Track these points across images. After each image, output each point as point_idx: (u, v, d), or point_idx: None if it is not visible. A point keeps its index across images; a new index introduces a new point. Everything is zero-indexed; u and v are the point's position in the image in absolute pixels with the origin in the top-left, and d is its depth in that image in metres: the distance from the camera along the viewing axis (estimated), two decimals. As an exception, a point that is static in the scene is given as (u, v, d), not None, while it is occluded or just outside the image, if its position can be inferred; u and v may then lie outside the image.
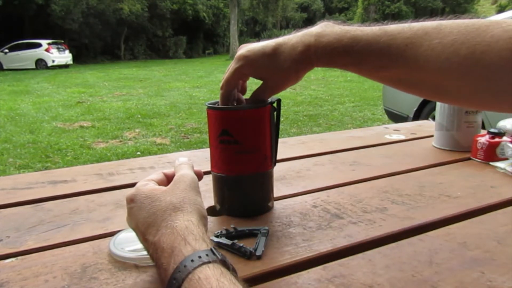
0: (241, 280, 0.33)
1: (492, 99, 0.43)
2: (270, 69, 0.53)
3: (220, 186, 0.63)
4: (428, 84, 0.46)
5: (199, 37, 29.26)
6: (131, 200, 0.45)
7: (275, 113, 0.61)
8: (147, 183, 0.46)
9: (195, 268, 0.33)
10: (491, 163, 0.85)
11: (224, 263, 0.35)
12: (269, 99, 0.60)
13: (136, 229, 0.44)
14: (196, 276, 0.32)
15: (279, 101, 0.61)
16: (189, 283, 0.32)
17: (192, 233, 0.37)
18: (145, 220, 0.41)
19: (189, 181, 0.46)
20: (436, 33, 0.43)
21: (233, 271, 0.34)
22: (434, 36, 0.43)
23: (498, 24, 0.40)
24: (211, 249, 0.36)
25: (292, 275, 0.47)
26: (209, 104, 0.59)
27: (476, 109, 0.95)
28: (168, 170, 0.51)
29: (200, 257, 0.34)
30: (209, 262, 0.34)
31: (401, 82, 0.49)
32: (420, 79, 0.46)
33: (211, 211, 0.64)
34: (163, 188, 0.45)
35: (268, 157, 0.61)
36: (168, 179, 0.49)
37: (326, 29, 0.49)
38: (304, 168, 0.86)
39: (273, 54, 0.52)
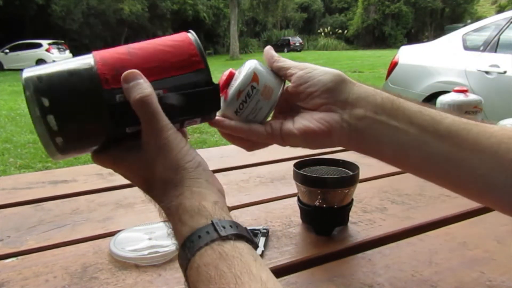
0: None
1: None
2: None
3: None
4: None
5: (199, 37, 28.82)
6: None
7: None
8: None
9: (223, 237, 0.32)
10: (491, 163, 0.85)
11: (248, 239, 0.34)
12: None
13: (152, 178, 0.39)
14: (221, 247, 0.32)
15: None
16: (215, 248, 0.32)
17: (223, 208, 0.36)
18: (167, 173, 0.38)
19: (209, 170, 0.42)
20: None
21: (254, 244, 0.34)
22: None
23: None
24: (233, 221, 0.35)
25: (292, 275, 0.47)
26: None
27: None
28: None
29: (224, 227, 0.33)
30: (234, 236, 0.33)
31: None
32: None
33: None
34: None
35: None
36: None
37: None
38: (304, 168, 0.86)
39: None
